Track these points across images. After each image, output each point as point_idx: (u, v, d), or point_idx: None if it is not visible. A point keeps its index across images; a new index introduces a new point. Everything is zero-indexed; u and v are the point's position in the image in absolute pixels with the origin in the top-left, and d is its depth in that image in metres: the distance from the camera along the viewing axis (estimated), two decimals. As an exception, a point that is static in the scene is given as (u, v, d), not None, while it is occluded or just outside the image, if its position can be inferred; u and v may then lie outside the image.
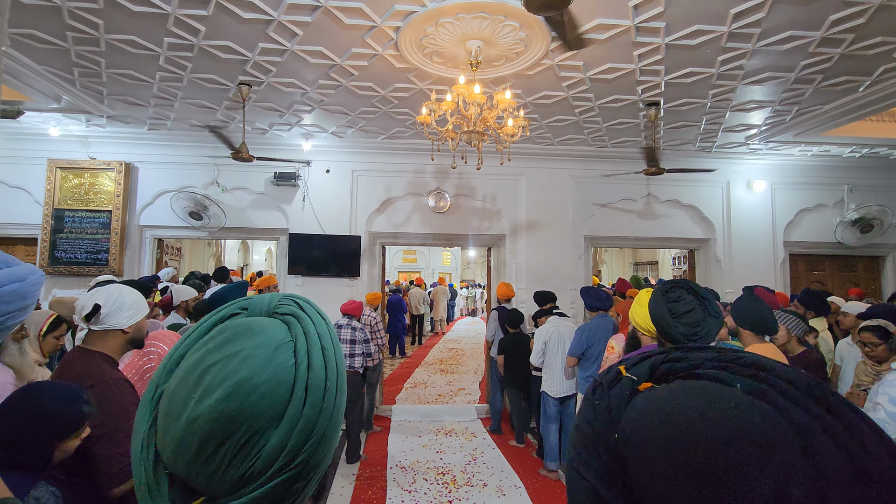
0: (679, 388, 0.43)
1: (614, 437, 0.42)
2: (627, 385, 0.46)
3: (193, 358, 0.55)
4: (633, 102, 4.64)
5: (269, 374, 0.52)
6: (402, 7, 3.11)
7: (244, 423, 0.50)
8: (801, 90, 4.30)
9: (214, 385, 0.51)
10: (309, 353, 0.55)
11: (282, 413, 0.52)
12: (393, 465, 4.67)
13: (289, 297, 0.62)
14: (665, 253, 11.12)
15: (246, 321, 0.58)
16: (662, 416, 0.40)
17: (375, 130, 5.62)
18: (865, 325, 2.97)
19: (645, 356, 0.49)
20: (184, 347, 0.58)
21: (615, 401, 0.45)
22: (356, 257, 6.05)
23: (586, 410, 0.47)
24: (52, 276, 5.75)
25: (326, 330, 0.59)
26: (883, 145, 5.89)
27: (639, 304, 2.34)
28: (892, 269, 6.94)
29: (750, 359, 0.45)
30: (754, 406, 0.39)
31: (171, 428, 0.52)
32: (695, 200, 6.50)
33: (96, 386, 1.59)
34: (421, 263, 21.86)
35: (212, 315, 0.61)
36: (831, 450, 0.36)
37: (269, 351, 0.53)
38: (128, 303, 1.75)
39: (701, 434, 0.37)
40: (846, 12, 3.07)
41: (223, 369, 0.51)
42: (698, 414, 0.39)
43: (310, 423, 0.52)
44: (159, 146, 5.91)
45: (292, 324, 0.58)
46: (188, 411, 0.51)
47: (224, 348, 0.53)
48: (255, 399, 0.51)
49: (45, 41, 3.57)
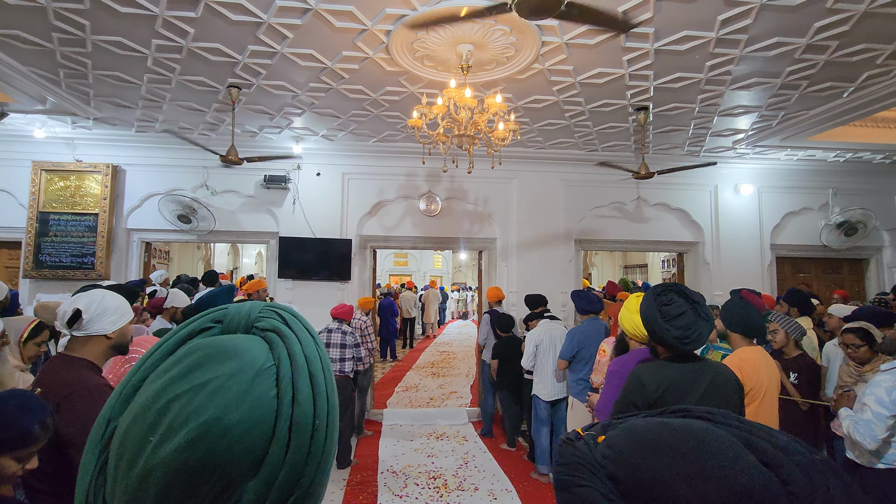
0: (638, 422, 0.53)
1: (597, 461, 0.50)
2: (590, 438, 0.54)
3: (154, 387, 0.44)
4: (622, 107, 4.68)
5: (244, 412, 0.42)
6: (394, 11, 3.11)
7: (213, 475, 0.40)
8: (787, 96, 4.37)
9: (177, 426, 0.41)
10: (294, 383, 0.45)
11: (260, 460, 0.42)
12: (384, 469, 4.64)
13: (271, 308, 0.52)
14: (654, 256, 11.22)
15: (219, 340, 0.47)
16: (627, 434, 0.51)
17: (366, 133, 5.60)
18: (848, 328, 3.02)
19: (601, 425, 0.59)
20: (143, 371, 0.47)
21: (583, 447, 0.52)
22: (347, 261, 6.02)
23: (564, 451, 0.54)
24: (37, 280, 5.65)
25: (315, 351, 0.49)
26: (866, 150, 6.00)
27: (627, 310, 2.35)
28: (875, 271, 7.06)
29: (690, 412, 0.55)
30: (709, 427, 0.50)
31: (121, 479, 0.42)
32: (683, 204, 6.56)
33: (77, 392, 1.55)
34: (412, 266, 21.82)
35: (178, 330, 0.50)
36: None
37: (245, 381, 0.43)
38: (111, 308, 1.71)
39: (674, 445, 0.47)
40: (831, 19, 3.12)
41: (188, 405, 0.41)
42: (645, 427, 0.50)
43: (295, 471, 0.43)
44: (147, 148, 5.85)
45: (275, 343, 0.48)
46: (143, 459, 0.41)
47: (190, 377, 0.43)
48: (227, 444, 0.41)
49: (30, 42, 3.52)
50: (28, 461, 1.33)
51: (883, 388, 2.27)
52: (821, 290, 6.88)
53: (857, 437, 2.32)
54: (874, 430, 2.25)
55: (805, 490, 0.41)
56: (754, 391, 2.34)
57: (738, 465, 0.43)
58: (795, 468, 0.43)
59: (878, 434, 2.24)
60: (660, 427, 0.49)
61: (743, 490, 0.41)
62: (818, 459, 0.44)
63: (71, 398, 1.54)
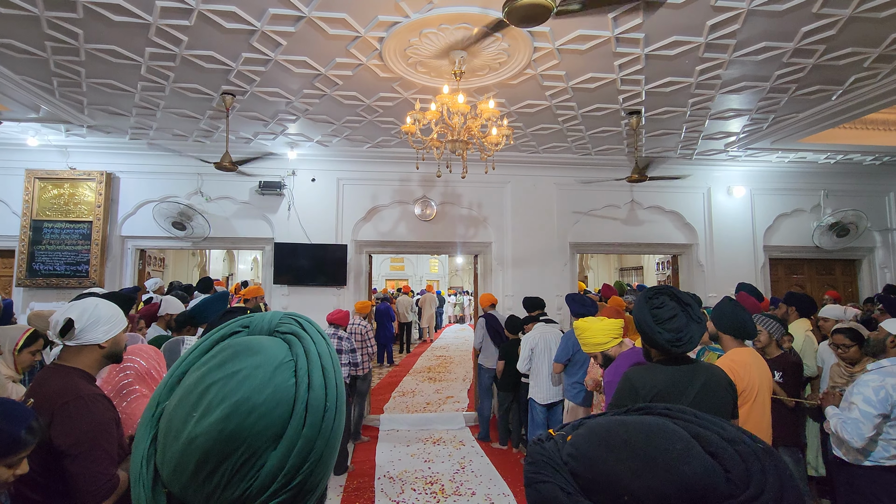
0: (600, 421, 0.57)
1: (561, 459, 0.53)
2: (560, 438, 0.57)
3: (194, 376, 0.54)
4: (615, 111, 4.72)
5: (268, 394, 0.52)
6: (386, 18, 3.13)
7: (242, 443, 0.50)
8: (777, 99, 4.42)
9: (214, 404, 0.51)
10: (309, 373, 0.55)
11: (280, 433, 0.51)
12: (381, 475, 4.63)
13: (290, 315, 0.63)
14: (650, 258, 11.27)
15: (247, 340, 0.58)
16: (601, 434, 0.54)
17: (361, 139, 5.62)
18: (838, 328, 3.05)
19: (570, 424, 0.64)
20: (185, 365, 0.58)
21: (551, 447, 0.56)
22: (343, 266, 6.02)
23: (531, 453, 0.57)
24: (31, 288, 5.63)
25: (327, 350, 0.59)
26: (856, 152, 6.07)
27: (580, 329, 2.56)
28: (867, 271, 7.12)
29: (661, 409, 0.59)
30: (664, 422, 0.53)
31: (169, 447, 0.51)
32: (677, 206, 6.61)
33: (71, 402, 1.55)
34: (408, 271, 21.82)
35: (213, 333, 0.61)
36: None
37: (268, 370, 0.53)
38: (104, 317, 1.71)
39: (630, 442, 0.51)
40: (817, 24, 3.17)
41: (223, 388, 0.51)
42: (629, 431, 0.53)
43: (308, 443, 0.52)
44: (141, 155, 5.84)
45: (293, 343, 0.58)
46: (187, 430, 0.50)
47: (224, 367, 0.53)
48: (254, 419, 0.50)
49: (23, 51, 3.52)
50: (18, 467, 1.33)
51: (870, 387, 2.30)
52: (814, 290, 6.93)
53: (844, 436, 2.34)
54: (861, 429, 2.28)
55: (742, 475, 0.47)
56: (747, 392, 2.36)
57: (684, 456, 0.47)
58: (736, 455, 0.48)
59: (865, 432, 2.27)
60: (616, 424, 0.53)
61: (686, 479, 0.46)
62: (760, 448, 0.49)
63: (65, 408, 1.54)
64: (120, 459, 1.62)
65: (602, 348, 2.85)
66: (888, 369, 2.37)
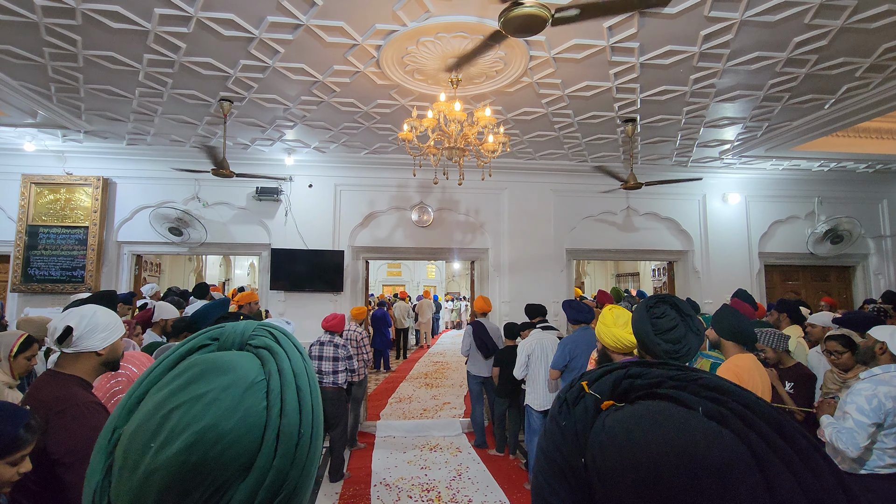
0: (644, 412, 0.43)
1: (581, 462, 0.43)
2: (591, 403, 0.46)
3: (155, 399, 0.49)
4: (610, 119, 4.76)
5: (236, 421, 0.47)
6: (384, 26, 3.16)
7: (208, 476, 0.45)
8: (771, 107, 4.46)
9: (176, 433, 0.45)
10: (282, 395, 0.50)
11: (250, 464, 0.46)
12: (377, 482, 4.61)
13: (264, 326, 0.58)
14: (646, 264, 11.31)
15: (215, 357, 0.52)
16: (631, 446, 0.41)
17: (358, 145, 5.64)
18: (831, 335, 3.06)
19: (606, 370, 0.50)
20: (146, 384, 0.52)
21: (580, 421, 0.45)
22: (339, 272, 6.02)
23: (553, 432, 0.47)
24: (25, 294, 5.60)
25: (303, 367, 0.54)
26: (850, 159, 6.13)
27: (604, 324, 2.38)
28: (862, 278, 7.17)
29: (709, 381, 0.46)
30: (719, 436, 0.40)
31: (125, 480, 0.46)
32: (673, 213, 6.64)
33: (67, 410, 1.54)
34: (405, 276, 21.81)
35: (179, 346, 0.55)
36: (789, 482, 0.38)
37: (238, 393, 0.48)
38: (102, 324, 1.70)
39: (669, 467, 0.38)
40: (809, 34, 3.22)
41: (186, 414, 0.46)
42: (666, 444, 0.39)
43: (280, 475, 0.47)
44: (138, 161, 5.85)
45: (266, 359, 0.53)
46: (145, 462, 0.45)
47: (189, 389, 0.48)
48: (221, 449, 0.45)
49: (21, 56, 3.53)
50: (21, 465, 1.36)
51: (863, 396, 2.31)
52: (809, 297, 6.97)
53: (839, 445, 2.35)
54: (856, 438, 2.28)
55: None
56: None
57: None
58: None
59: (860, 442, 2.28)
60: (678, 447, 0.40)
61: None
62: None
63: (61, 416, 1.53)
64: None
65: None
66: (880, 377, 2.38)
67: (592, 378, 0.49)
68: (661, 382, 0.46)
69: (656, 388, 0.46)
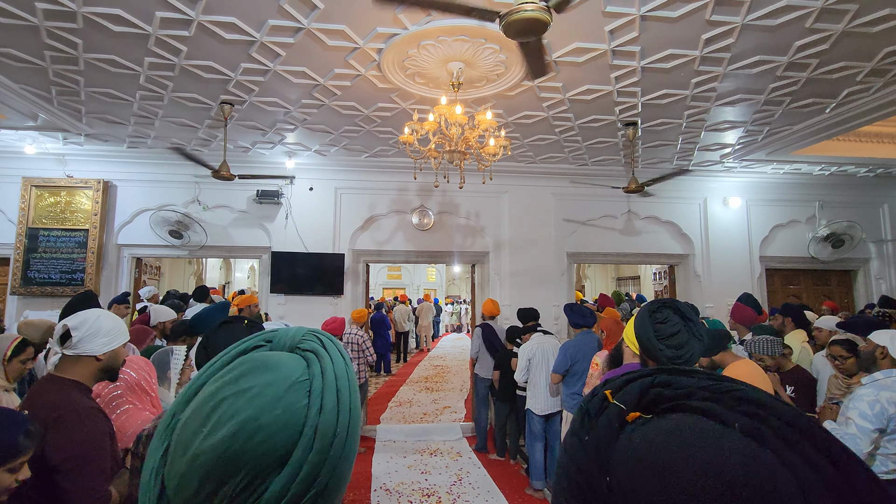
0: (674, 428, 0.39)
1: (605, 481, 0.39)
2: (615, 415, 0.42)
3: (209, 389, 0.53)
4: (611, 122, 4.75)
5: (275, 416, 0.50)
6: (385, 30, 3.16)
7: (245, 465, 0.48)
8: (771, 111, 4.46)
9: (223, 421, 0.49)
10: (323, 395, 0.53)
11: (286, 457, 0.49)
12: (377, 487, 4.58)
13: (313, 332, 0.61)
14: (646, 268, 11.29)
15: (265, 356, 0.56)
16: (660, 468, 0.37)
17: (359, 149, 5.64)
18: (835, 340, 3.04)
19: (629, 378, 0.46)
20: (205, 377, 0.57)
21: (603, 436, 0.41)
22: (340, 275, 6.00)
23: (574, 448, 0.43)
24: (25, 297, 5.59)
25: (344, 371, 0.57)
26: (850, 163, 6.12)
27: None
28: (863, 282, 7.15)
29: (745, 392, 0.42)
30: (758, 458, 0.36)
31: (177, 461, 0.50)
32: (673, 217, 6.63)
33: (65, 416, 1.52)
34: (406, 280, 21.79)
35: (237, 345, 0.60)
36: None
37: (279, 390, 0.52)
38: (104, 328, 1.69)
39: (702, 493, 0.34)
40: (810, 38, 3.21)
41: (233, 405, 0.50)
42: (699, 467, 0.35)
43: (314, 470, 0.50)
44: (139, 164, 5.84)
45: (312, 361, 0.56)
46: (194, 446, 0.49)
47: (238, 383, 0.52)
48: (259, 441, 0.48)
49: (22, 60, 3.53)
50: (20, 472, 1.34)
51: (865, 401, 2.29)
52: (811, 301, 6.94)
53: None
54: (859, 444, 2.26)
55: None
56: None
57: None
58: None
59: (864, 448, 2.26)
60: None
61: None
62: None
63: (59, 421, 1.52)
64: (113, 474, 1.60)
65: None
66: (882, 382, 2.36)
67: (616, 386, 0.45)
68: (692, 393, 0.42)
69: (686, 399, 0.42)
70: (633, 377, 0.46)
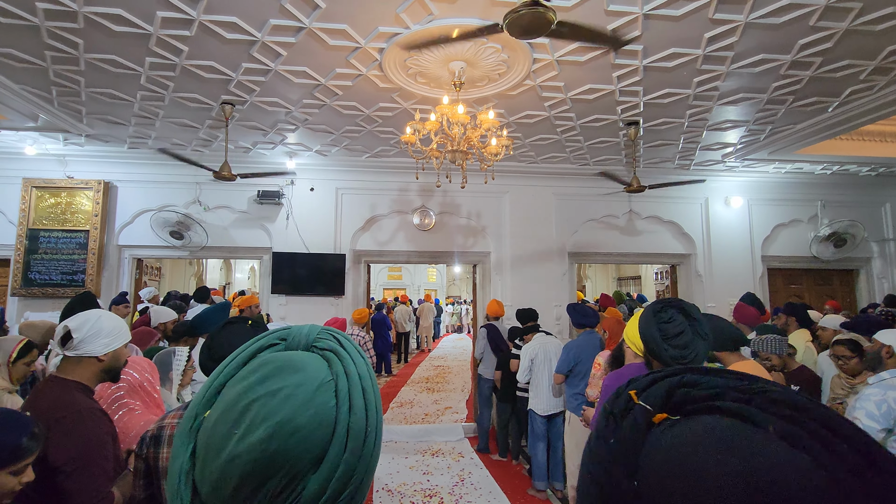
0: (705, 430, 0.38)
1: (633, 486, 0.38)
2: (641, 416, 0.41)
3: (235, 391, 0.53)
4: (613, 122, 4.74)
5: (310, 416, 0.50)
6: (387, 29, 3.14)
7: (284, 465, 0.49)
8: (774, 110, 4.45)
9: (256, 422, 0.49)
10: (350, 395, 0.53)
11: (321, 457, 0.50)
12: (379, 488, 4.56)
13: (328, 331, 0.61)
14: (648, 268, 11.27)
15: (288, 356, 0.56)
16: (691, 473, 0.35)
17: (360, 149, 5.63)
18: (838, 339, 3.02)
19: (655, 377, 0.44)
20: (223, 377, 0.56)
21: (630, 438, 0.40)
22: (340, 275, 5.99)
23: (600, 452, 0.41)
24: (26, 298, 5.58)
25: (366, 370, 0.58)
26: (853, 163, 6.11)
27: (637, 318, 2.30)
28: (865, 281, 7.14)
29: (779, 394, 0.40)
30: (797, 464, 0.34)
31: (210, 463, 0.50)
32: (675, 216, 6.62)
33: (68, 417, 1.51)
34: (406, 280, 21.79)
35: (250, 344, 0.60)
36: None
37: (310, 390, 0.52)
38: (105, 329, 1.68)
39: (738, 500, 0.33)
40: (814, 37, 3.20)
41: (265, 406, 0.50)
42: (734, 473, 0.34)
43: (349, 469, 0.51)
44: (139, 164, 5.83)
45: (332, 361, 0.56)
46: (229, 448, 0.49)
47: (266, 384, 0.52)
48: (296, 441, 0.49)
49: (22, 60, 3.52)
50: (24, 474, 1.33)
51: (872, 401, 2.27)
52: (812, 300, 6.93)
53: None
54: None
55: None
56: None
57: None
58: None
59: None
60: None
61: None
62: None
63: (61, 423, 1.50)
64: (116, 475, 1.59)
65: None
66: (889, 382, 2.34)
67: (641, 386, 0.43)
68: (722, 393, 0.41)
69: (716, 399, 0.41)
70: (659, 376, 0.45)
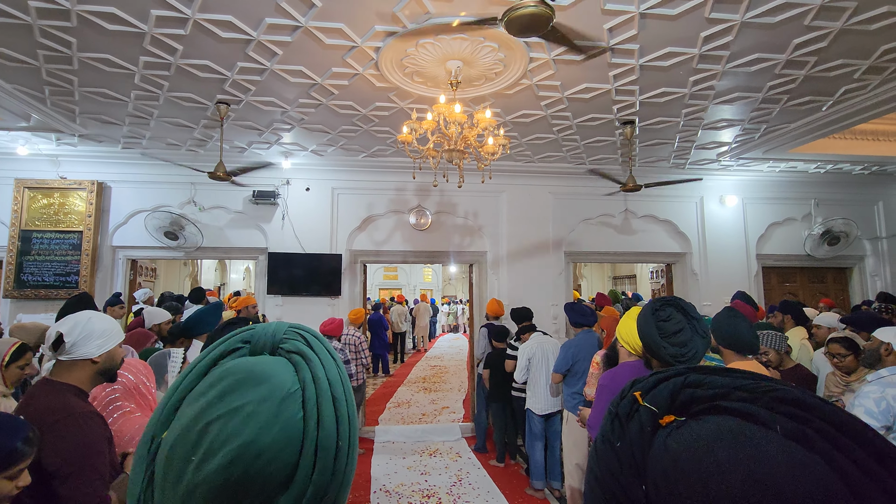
0: (713, 432, 0.37)
1: (642, 491, 0.37)
2: (647, 419, 0.40)
3: (192, 410, 0.48)
4: (609, 121, 4.75)
5: (275, 435, 0.46)
6: (383, 28, 3.13)
7: (250, 491, 0.44)
8: (769, 109, 4.47)
9: (216, 447, 0.45)
10: (319, 406, 0.49)
11: (290, 477, 0.46)
12: (377, 488, 4.55)
13: (295, 329, 0.56)
14: (643, 267, 11.31)
15: (249, 364, 0.51)
16: (700, 476, 0.35)
17: (356, 148, 5.61)
18: (833, 337, 3.04)
19: (660, 378, 0.44)
20: (180, 391, 0.51)
21: (636, 441, 0.40)
22: (337, 276, 5.97)
23: (607, 456, 0.41)
24: (18, 300, 5.52)
25: (337, 374, 0.53)
26: (846, 161, 6.15)
27: (630, 318, 2.30)
28: (858, 279, 7.19)
29: (785, 392, 0.39)
30: (806, 463, 0.34)
31: (169, 492, 0.46)
32: (670, 215, 6.64)
33: (62, 421, 1.49)
34: (402, 280, 21.75)
35: (211, 350, 0.54)
36: None
37: (274, 405, 0.47)
38: (97, 330, 1.65)
39: (748, 502, 0.32)
40: (809, 36, 3.22)
41: (225, 428, 0.46)
42: (743, 474, 0.33)
43: (320, 489, 0.47)
44: (134, 165, 5.78)
45: (300, 365, 0.52)
46: (188, 476, 0.45)
47: (225, 401, 0.47)
48: (262, 464, 0.45)
49: (14, 59, 3.48)
50: (20, 478, 1.31)
51: (871, 398, 2.28)
52: (806, 298, 6.98)
53: None
54: None
55: None
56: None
57: None
58: None
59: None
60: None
61: None
62: None
63: (55, 427, 1.48)
64: (112, 478, 1.57)
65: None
66: (888, 379, 2.35)
67: (646, 387, 0.43)
68: (728, 393, 0.40)
69: (721, 399, 0.40)
70: (663, 377, 0.44)
